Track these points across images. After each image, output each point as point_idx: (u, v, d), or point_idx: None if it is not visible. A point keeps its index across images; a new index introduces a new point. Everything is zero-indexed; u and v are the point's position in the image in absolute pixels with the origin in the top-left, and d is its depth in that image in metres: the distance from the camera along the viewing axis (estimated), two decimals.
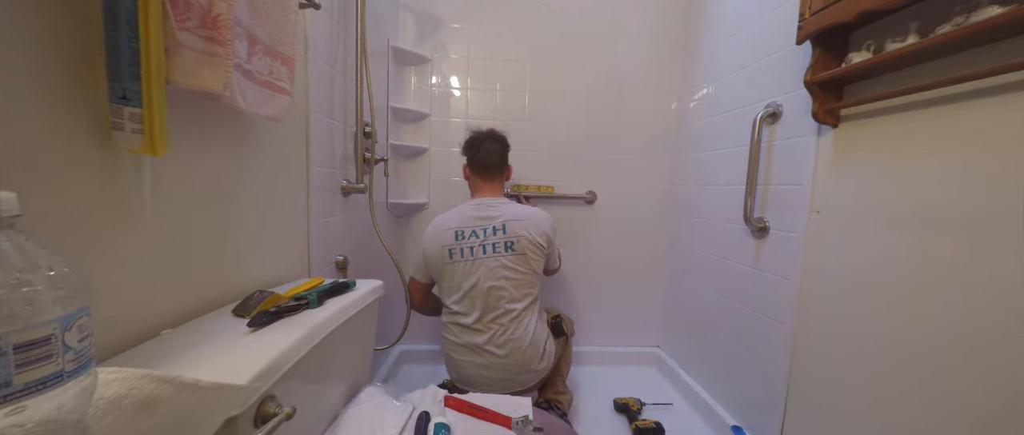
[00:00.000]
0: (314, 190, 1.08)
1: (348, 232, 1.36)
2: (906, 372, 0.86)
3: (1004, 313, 0.70)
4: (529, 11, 1.84)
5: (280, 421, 0.54)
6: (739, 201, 1.34)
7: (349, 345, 0.89)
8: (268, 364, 0.53)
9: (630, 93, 1.90)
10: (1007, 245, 0.69)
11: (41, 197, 0.44)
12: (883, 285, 0.91)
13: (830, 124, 1.04)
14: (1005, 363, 0.70)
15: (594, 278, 2.01)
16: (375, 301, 0.98)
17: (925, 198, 0.83)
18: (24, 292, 0.30)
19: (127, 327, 0.56)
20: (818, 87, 1.01)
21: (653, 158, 1.94)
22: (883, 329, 0.90)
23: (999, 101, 0.71)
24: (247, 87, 0.66)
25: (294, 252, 1.02)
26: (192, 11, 0.54)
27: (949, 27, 0.73)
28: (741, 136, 1.37)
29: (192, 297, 0.68)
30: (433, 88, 1.86)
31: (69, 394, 0.32)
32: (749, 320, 1.35)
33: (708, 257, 1.62)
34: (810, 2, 0.98)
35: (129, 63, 0.47)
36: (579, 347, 2.01)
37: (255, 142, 0.84)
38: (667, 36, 1.88)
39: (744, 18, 1.43)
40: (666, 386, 1.83)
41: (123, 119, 0.48)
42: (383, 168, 1.58)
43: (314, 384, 0.73)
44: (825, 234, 1.06)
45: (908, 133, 0.86)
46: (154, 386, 0.37)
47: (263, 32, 0.70)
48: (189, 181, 0.66)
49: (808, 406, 1.11)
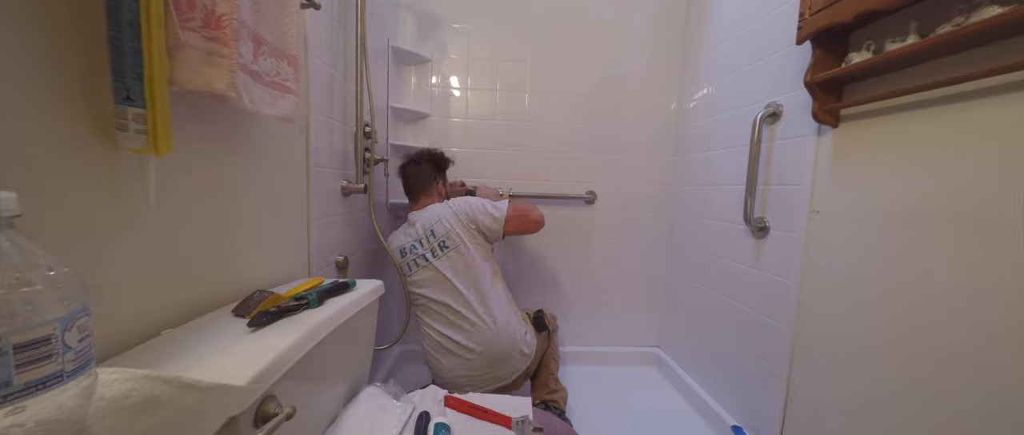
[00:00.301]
0: (314, 190, 1.08)
1: (348, 232, 1.36)
2: (906, 372, 0.86)
3: (1004, 313, 0.70)
4: (529, 11, 1.84)
5: (280, 421, 0.54)
6: (739, 201, 1.34)
7: (349, 345, 0.89)
8: (268, 364, 0.53)
9: (630, 93, 1.90)
10: (1008, 245, 0.69)
11: (43, 197, 0.44)
12: (883, 285, 0.91)
13: (830, 124, 1.04)
14: (1006, 363, 0.70)
15: (594, 278, 2.01)
16: (375, 301, 0.98)
17: (925, 198, 0.83)
18: (24, 292, 0.30)
19: (127, 327, 0.56)
20: (818, 87, 1.01)
21: (653, 158, 1.94)
22: (883, 329, 0.90)
23: (999, 101, 0.71)
24: (254, 88, 0.66)
25: (294, 252, 1.02)
26: (195, 11, 0.54)
27: (949, 27, 0.73)
28: (741, 136, 1.37)
29: (192, 297, 0.68)
30: (433, 88, 1.86)
31: (69, 394, 0.32)
32: (749, 320, 1.35)
33: (708, 257, 1.62)
34: (810, 2, 0.98)
35: (132, 64, 0.47)
36: (579, 347, 2.02)
37: (256, 142, 0.84)
38: (667, 36, 1.88)
39: (744, 18, 1.43)
40: (666, 386, 1.83)
41: (127, 119, 0.48)
42: (383, 168, 1.58)
43: (314, 384, 0.73)
44: (825, 234, 1.06)
45: (908, 133, 0.87)
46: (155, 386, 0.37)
47: (268, 33, 0.70)
48: (190, 181, 0.66)
49: (808, 406, 1.11)
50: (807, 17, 0.99)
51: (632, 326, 2.05)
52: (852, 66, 0.90)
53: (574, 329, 2.02)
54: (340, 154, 1.29)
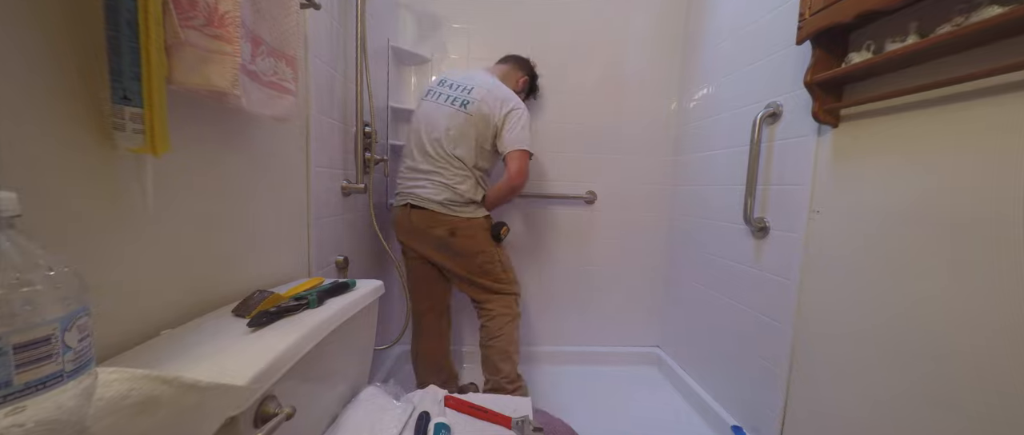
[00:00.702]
0: (314, 190, 1.08)
1: (348, 232, 1.36)
2: (906, 372, 0.86)
3: (1004, 313, 0.70)
4: (529, 11, 1.83)
5: (280, 421, 0.54)
6: (739, 201, 1.34)
7: (349, 345, 0.89)
8: (268, 364, 0.53)
9: (630, 93, 1.90)
10: (1008, 245, 0.69)
11: (42, 197, 0.44)
12: (883, 285, 0.91)
13: (830, 124, 1.04)
14: (1006, 364, 0.70)
15: (594, 278, 2.00)
16: (375, 301, 0.98)
17: (925, 198, 0.83)
18: (24, 292, 0.30)
19: (127, 327, 0.56)
20: (818, 87, 1.01)
21: (653, 158, 1.94)
22: (883, 329, 0.90)
23: (999, 101, 0.71)
24: (252, 88, 0.66)
25: (294, 252, 1.02)
26: (197, 9, 0.54)
27: (949, 27, 0.73)
28: (741, 136, 1.37)
29: (192, 297, 0.68)
30: None
31: (69, 394, 0.32)
32: (749, 320, 1.35)
33: (708, 257, 1.62)
34: (810, 2, 0.98)
35: (130, 63, 0.47)
36: (579, 347, 2.02)
37: (255, 142, 0.84)
38: (667, 36, 1.88)
39: (744, 18, 1.43)
40: (666, 386, 1.83)
41: (124, 119, 0.48)
42: (383, 168, 1.58)
43: (314, 384, 0.73)
44: (825, 234, 1.06)
45: (908, 133, 0.87)
46: (154, 386, 0.37)
47: (267, 33, 0.70)
48: (189, 181, 0.66)
49: (808, 406, 1.11)
50: (807, 17, 0.99)
51: (632, 326, 2.05)
52: (852, 66, 0.90)
53: (574, 329, 2.02)
54: (340, 154, 1.29)
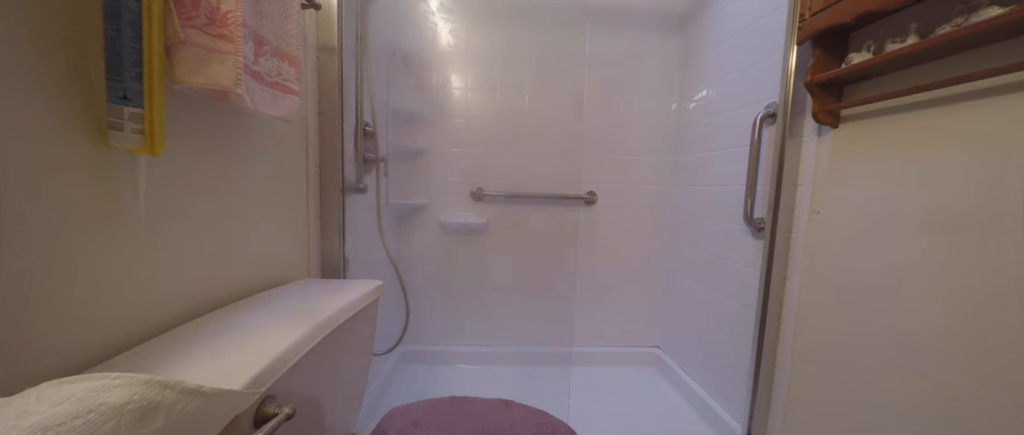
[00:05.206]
0: (314, 190, 1.08)
1: (348, 232, 1.36)
2: (906, 372, 0.86)
3: (1005, 313, 0.70)
4: (530, 11, 1.83)
5: (280, 421, 0.54)
6: (739, 201, 1.34)
7: (349, 345, 0.88)
8: (268, 365, 0.53)
9: (630, 93, 1.90)
10: (1008, 245, 0.69)
11: (39, 197, 0.44)
12: (883, 285, 0.91)
13: (830, 125, 1.04)
14: (1006, 364, 0.70)
15: (594, 278, 2.00)
16: (375, 301, 0.98)
17: (925, 198, 0.83)
18: None
19: (126, 327, 0.56)
20: (818, 88, 1.01)
21: (653, 158, 1.94)
22: (883, 329, 0.90)
23: (999, 101, 0.71)
24: (255, 88, 0.66)
25: (294, 252, 1.02)
26: (199, 8, 0.53)
27: (949, 27, 0.73)
28: (741, 136, 1.37)
29: (191, 297, 0.68)
30: (433, 88, 1.86)
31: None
32: (749, 320, 1.35)
33: (708, 257, 1.62)
34: (810, 3, 0.97)
35: (131, 63, 0.47)
36: (579, 347, 2.01)
37: (255, 142, 0.83)
38: (667, 36, 1.88)
39: (744, 18, 1.43)
40: (666, 386, 1.83)
41: (123, 119, 0.48)
42: (383, 168, 1.58)
43: (314, 384, 0.73)
44: (825, 234, 1.06)
45: (908, 134, 0.86)
46: (156, 392, 0.37)
47: (269, 33, 0.70)
48: (188, 181, 0.66)
49: (808, 406, 1.11)
50: (807, 17, 0.98)
51: (632, 326, 2.05)
52: (852, 67, 0.90)
53: (574, 329, 2.02)
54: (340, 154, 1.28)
